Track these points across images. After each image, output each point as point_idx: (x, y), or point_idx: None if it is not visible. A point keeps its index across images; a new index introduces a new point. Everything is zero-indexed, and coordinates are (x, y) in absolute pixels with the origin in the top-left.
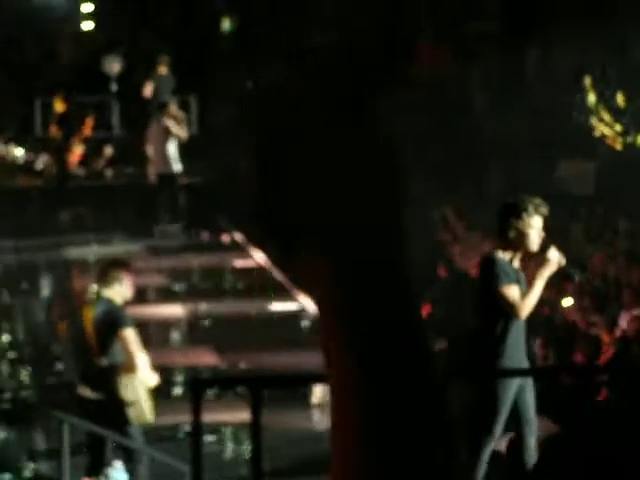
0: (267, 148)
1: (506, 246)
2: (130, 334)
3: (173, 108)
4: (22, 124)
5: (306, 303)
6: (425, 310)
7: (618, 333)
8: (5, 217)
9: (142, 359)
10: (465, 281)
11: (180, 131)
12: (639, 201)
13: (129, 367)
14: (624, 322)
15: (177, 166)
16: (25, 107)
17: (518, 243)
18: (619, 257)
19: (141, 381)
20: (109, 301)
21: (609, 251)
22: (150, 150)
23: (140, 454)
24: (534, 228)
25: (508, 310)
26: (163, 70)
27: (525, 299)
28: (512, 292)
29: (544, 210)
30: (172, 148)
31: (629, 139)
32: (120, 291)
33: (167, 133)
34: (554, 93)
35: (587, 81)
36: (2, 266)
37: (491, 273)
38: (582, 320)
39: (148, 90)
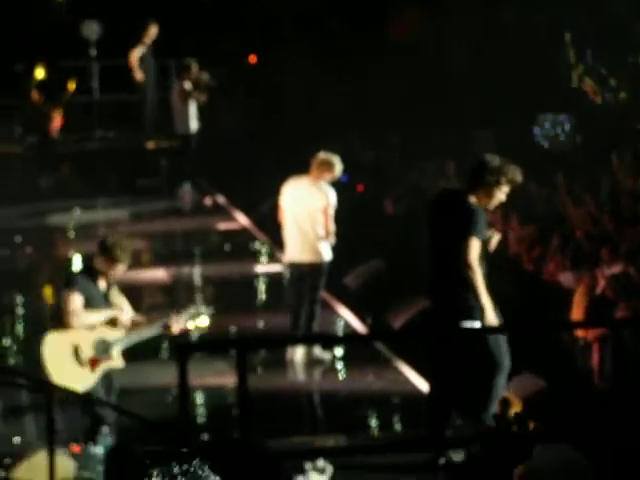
0: None
1: (475, 199)
2: (70, 297)
3: (195, 70)
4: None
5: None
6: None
7: (598, 290)
8: None
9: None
10: None
11: (200, 95)
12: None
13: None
14: (601, 280)
15: (194, 126)
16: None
17: (484, 200)
18: (602, 214)
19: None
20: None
21: (591, 208)
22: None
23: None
24: (503, 193)
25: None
26: (150, 35)
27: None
28: (476, 247)
29: (519, 180)
30: (192, 109)
31: (608, 95)
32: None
33: (186, 95)
34: (533, 49)
35: (567, 38)
36: None
37: (471, 221)
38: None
39: (134, 57)
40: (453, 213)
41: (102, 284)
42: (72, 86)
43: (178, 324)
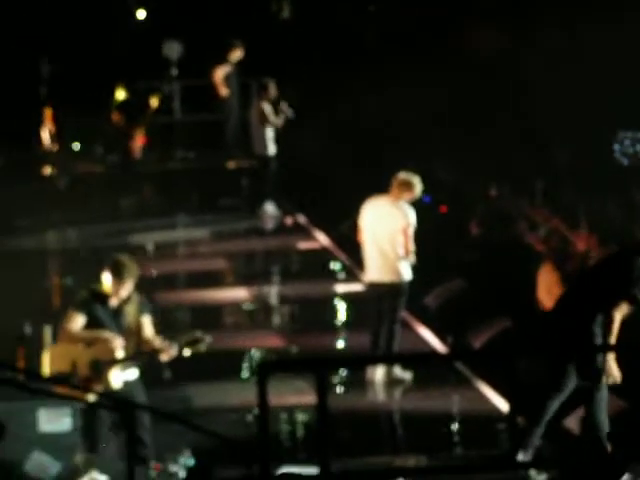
0: None
1: None
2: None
3: (273, 91)
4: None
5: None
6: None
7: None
8: (70, 205)
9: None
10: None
11: (274, 118)
12: None
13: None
14: None
15: (271, 149)
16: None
17: None
18: None
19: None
20: None
21: None
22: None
23: None
24: None
25: (617, 318)
26: (236, 55)
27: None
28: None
29: None
30: (269, 131)
31: None
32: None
33: (263, 116)
34: (612, 65)
35: None
36: (67, 253)
37: (632, 278)
38: None
39: (219, 75)
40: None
41: (113, 303)
42: (154, 104)
43: (172, 351)
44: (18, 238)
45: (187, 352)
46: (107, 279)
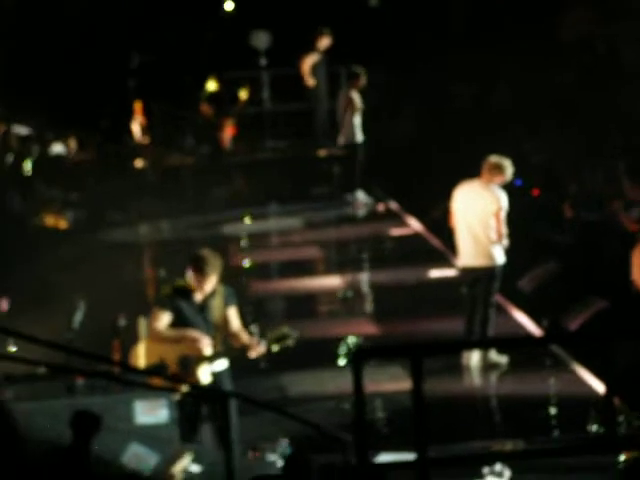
0: None
1: None
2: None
3: (363, 79)
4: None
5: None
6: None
7: None
8: (163, 197)
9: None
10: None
11: (362, 106)
12: None
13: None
14: None
15: (359, 137)
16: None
17: None
18: None
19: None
20: None
21: None
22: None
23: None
24: None
25: None
26: (323, 43)
27: None
28: None
29: None
30: (357, 119)
31: None
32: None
33: (350, 104)
34: None
35: None
36: (161, 246)
37: None
38: None
39: (307, 64)
40: None
41: (198, 298)
42: (244, 96)
43: (260, 348)
44: (111, 231)
45: (275, 348)
46: (189, 275)
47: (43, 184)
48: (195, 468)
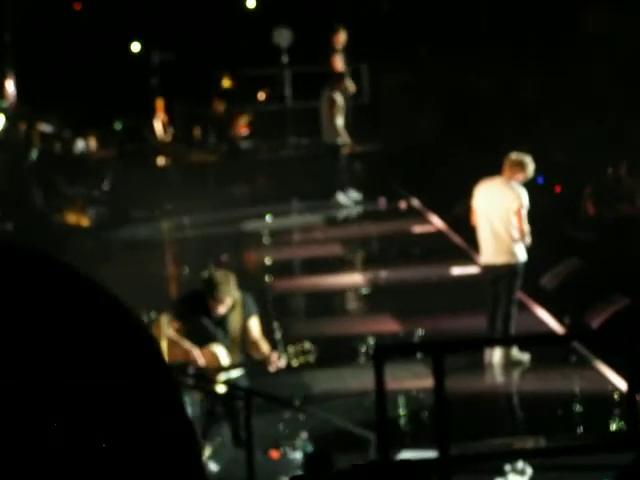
0: None
1: None
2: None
3: (349, 82)
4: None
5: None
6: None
7: None
8: (185, 194)
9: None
10: None
11: (344, 107)
12: None
13: None
14: None
15: (342, 138)
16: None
17: None
18: None
19: None
20: None
21: None
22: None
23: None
24: None
25: None
26: (341, 39)
27: None
28: None
29: None
30: (340, 120)
31: None
32: None
33: (333, 105)
34: None
35: None
36: (183, 242)
37: None
38: None
39: (339, 62)
40: None
41: (216, 314)
42: (261, 97)
43: (280, 362)
44: (134, 228)
45: (295, 363)
46: (204, 296)
47: (65, 181)
48: (214, 466)
